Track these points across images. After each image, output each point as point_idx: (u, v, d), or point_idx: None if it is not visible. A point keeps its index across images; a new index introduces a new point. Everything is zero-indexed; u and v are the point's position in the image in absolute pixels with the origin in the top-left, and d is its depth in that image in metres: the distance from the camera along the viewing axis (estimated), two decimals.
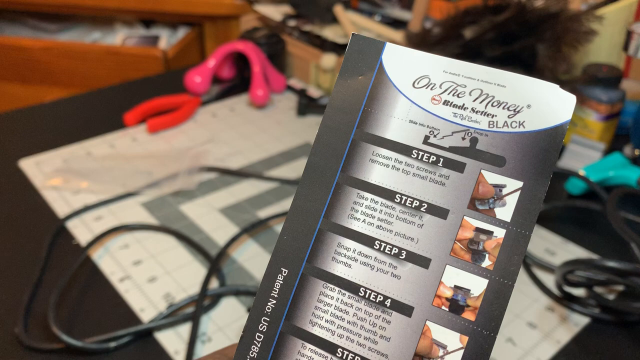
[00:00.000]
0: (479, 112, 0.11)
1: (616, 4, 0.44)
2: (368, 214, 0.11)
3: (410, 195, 0.11)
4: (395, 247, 0.11)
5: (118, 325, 0.27)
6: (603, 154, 0.40)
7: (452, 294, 0.11)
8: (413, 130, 0.11)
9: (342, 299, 0.11)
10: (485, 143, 0.11)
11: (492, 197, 0.11)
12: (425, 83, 0.11)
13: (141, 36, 0.84)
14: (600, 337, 0.28)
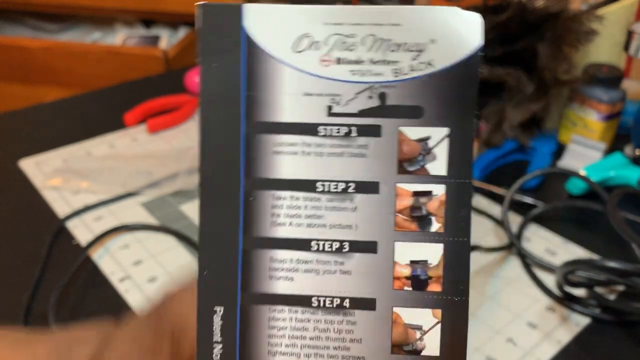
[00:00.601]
0: (379, 62, 0.09)
1: (617, 4, 0.44)
2: (292, 214, 0.10)
3: (332, 179, 0.09)
4: (335, 241, 0.10)
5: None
6: (604, 154, 0.40)
7: (410, 271, 0.10)
8: (311, 103, 0.09)
9: (296, 317, 0.10)
10: (396, 96, 0.09)
11: (420, 154, 0.09)
12: (307, 43, 0.09)
13: (141, 36, 0.84)
14: (601, 337, 0.28)
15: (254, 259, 0.10)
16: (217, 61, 0.10)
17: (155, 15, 0.81)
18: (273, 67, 0.10)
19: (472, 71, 0.10)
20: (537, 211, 0.35)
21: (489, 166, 0.41)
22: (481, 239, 0.34)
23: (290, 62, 0.09)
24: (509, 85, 0.41)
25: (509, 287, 0.30)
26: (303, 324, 0.10)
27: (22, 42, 0.74)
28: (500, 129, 0.41)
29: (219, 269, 0.10)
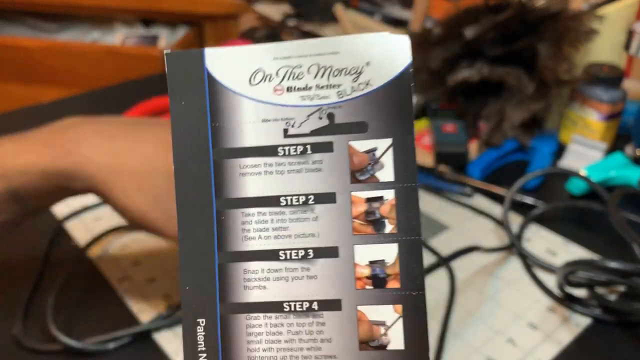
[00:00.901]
0: (324, 86, 0.11)
1: (617, 4, 0.44)
2: (261, 228, 0.11)
3: (293, 194, 0.11)
4: (300, 249, 0.11)
5: (117, 326, 0.26)
6: (604, 154, 0.40)
7: (370, 271, 0.11)
8: (269, 128, 0.11)
9: (271, 322, 0.11)
10: (342, 114, 0.11)
11: (369, 164, 0.11)
12: (261, 77, 0.11)
13: (140, 36, 0.83)
14: (601, 338, 0.28)
15: (229, 272, 0.11)
16: (185, 99, 0.11)
17: (154, 15, 0.81)
18: (233, 100, 0.11)
19: (406, 85, 0.11)
20: (538, 211, 0.35)
21: (490, 166, 0.40)
22: (482, 239, 0.34)
23: (247, 94, 0.11)
24: (509, 85, 0.41)
25: (510, 288, 0.30)
26: (277, 328, 0.11)
27: (21, 41, 0.73)
28: (501, 129, 0.41)
29: (199, 284, 0.11)
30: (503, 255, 0.33)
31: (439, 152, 0.40)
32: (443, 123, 0.42)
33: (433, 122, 0.42)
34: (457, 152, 0.40)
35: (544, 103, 0.40)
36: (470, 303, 0.29)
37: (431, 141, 0.42)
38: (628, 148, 0.42)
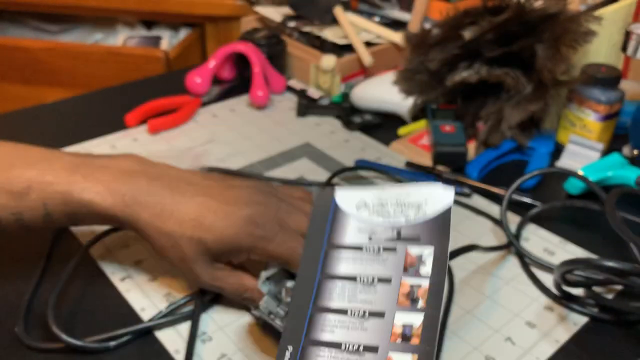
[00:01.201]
0: (398, 213, 0.18)
1: (614, 5, 0.44)
2: (340, 294, 0.17)
3: (365, 275, 0.17)
4: (360, 310, 0.16)
5: (119, 324, 0.27)
6: (602, 154, 0.40)
7: (402, 330, 0.16)
8: (361, 234, 0.18)
9: (331, 355, 0.16)
10: (405, 231, 0.18)
11: (416, 263, 0.17)
12: (363, 205, 0.18)
13: (143, 37, 0.84)
14: (599, 337, 0.28)
15: (315, 318, 0.17)
16: (319, 213, 0.19)
17: (157, 16, 0.82)
18: (344, 216, 0.19)
19: (447, 215, 0.17)
20: (536, 211, 0.36)
21: (488, 166, 0.41)
22: (480, 238, 0.34)
23: (353, 214, 0.19)
24: (507, 86, 0.41)
25: (508, 287, 0.31)
26: (334, 359, 0.16)
27: (24, 42, 0.74)
28: (499, 129, 0.42)
29: (295, 325, 0.17)
30: (501, 255, 0.33)
31: (437, 152, 0.40)
32: (442, 123, 0.42)
33: (432, 122, 0.42)
34: (455, 152, 0.40)
35: (542, 104, 0.40)
36: (468, 302, 0.29)
37: (430, 141, 0.43)
38: (625, 148, 0.42)
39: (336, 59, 0.48)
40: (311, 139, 0.44)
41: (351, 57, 0.50)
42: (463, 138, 0.41)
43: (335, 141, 0.44)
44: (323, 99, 0.49)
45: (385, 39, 0.53)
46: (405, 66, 0.47)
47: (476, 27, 0.40)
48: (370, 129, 0.46)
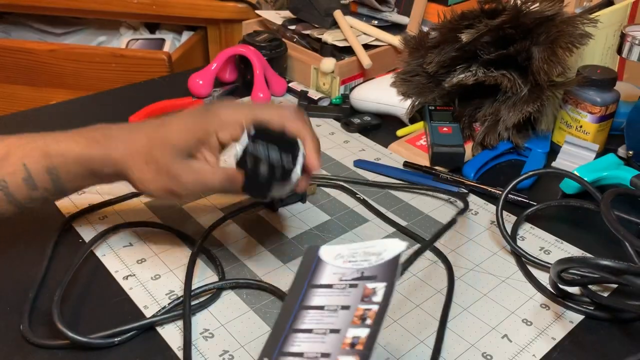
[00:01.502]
0: (364, 260, 0.23)
1: (610, 7, 0.44)
2: (311, 319, 0.22)
3: (332, 305, 0.22)
4: (323, 329, 0.21)
5: (123, 322, 0.27)
6: (597, 154, 0.41)
7: (351, 341, 0.20)
8: (334, 276, 0.23)
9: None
10: (367, 272, 0.23)
11: (371, 294, 0.22)
12: (339, 256, 0.24)
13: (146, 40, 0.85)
14: (594, 334, 0.28)
15: (289, 337, 0.22)
16: (306, 265, 0.24)
17: (160, 20, 0.83)
18: (324, 265, 0.24)
19: (397, 260, 0.22)
20: (532, 210, 0.36)
21: (484, 166, 0.41)
22: (476, 238, 0.35)
23: (330, 262, 0.24)
24: (504, 87, 0.41)
25: (504, 285, 0.31)
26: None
27: (28, 45, 0.75)
28: (496, 130, 0.42)
29: (272, 342, 0.22)
30: (498, 254, 0.33)
31: (435, 152, 0.41)
32: (439, 124, 0.43)
33: (429, 124, 0.43)
34: (453, 153, 0.40)
35: (538, 105, 0.41)
36: (466, 299, 0.30)
37: (428, 142, 0.43)
38: (620, 149, 0.43)
39: (336, 61, 0.49)
40: None
41: (350, 60, 0.50)
42: (460, 139, 0.41)
43: (335, 142, 0.45)
44: (323, 100, 0.50)
45: (384, 41, 0.53)
46: (403, 68, 0.47)
47: (473, 30, 0.41)
48: (370, 130, 0.46)
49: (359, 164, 0.42)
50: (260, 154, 0.26)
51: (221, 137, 0.27)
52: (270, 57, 0.50)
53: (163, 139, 0.27)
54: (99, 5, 0.78)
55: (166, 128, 0.27)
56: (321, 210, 0.37)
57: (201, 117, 0.27)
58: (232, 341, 0.27)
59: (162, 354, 0.26)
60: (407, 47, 0.47)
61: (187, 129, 0.27)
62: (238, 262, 0.32)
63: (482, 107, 0.44)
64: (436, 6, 0.55)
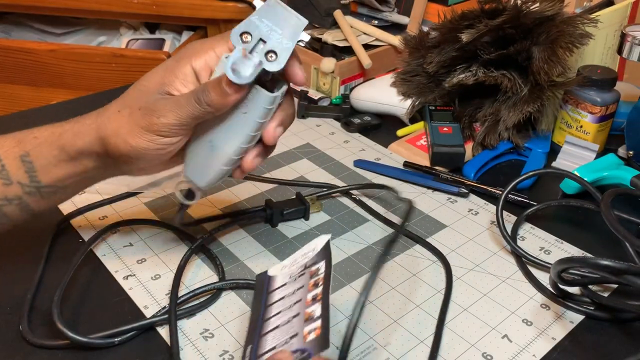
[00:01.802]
0: (304, 259, 0.26)
1: (610, 7, 0.44)
2: (277, 306, 0.25)
3: (289, 292, 0.25)
4: (288, 317, 0.24)
5: (123, 322, 0.27)
6: (597, 154, 0.41)
7: (310, 315, 0.23)
8: (285, 277, 0.26)
9: (275, 336, 0.23)
10: (309, 262, 0.26)
11: (316, 271, 0.24)
12: (284, 267, 0.27)
13: (146, 40, 0.85)
14: (594, 334, 0.28)
15: (264, 327, 0.24)
16: (258, 288, 0.27)
17: (160, 19, 0.83)
18: (274, 278, 0.27)
19: (328, 243, 0.25)
20: (532, 210, 0.36)
21: (485, 166, 0.41)
22: (476, 238, 0.35)
23: (279, 274, 0.27)
24: (504, 87, 0.41)
25: (505, 285, 0.31)
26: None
27: (28, 45, 0.75)
28: (496, 130, 0.42)
29: (254, 334, 0.24)
30: (498, 254, 0.33)
31: (435, 152, 0.41)
32: (439, 124, 0.43)
33: (430, 124, 0.43)
34: (453, 153, 0.40)
35: (538, 105, 0.41)
36: (465, 299, 0.30)
37: (428, 142, 0.43)
38: (621, 149, 0.43)
39: (336, 61, 0.49)
40: (311, 139, 0.45)
41: (351, 60, 0.50)
42: (460, 139, 0.41)
43: (335, 142, 0.45)
44: (323, 100, 0.50)
45: (384, 41, 0.53)
46: (403, 68, 0.47)
47: (473, 30, 0.41)
48: (370, 130, 0.46)
49: (359, 164, 0.42)
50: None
51: (195, 65, 0.25)
52: None
53: (137, 86, 0.25)
54: (99, 5, 0.78)
55: (142, 78, 0.26)
56: (321, 210, 0.37)
57: (175, 56, 0.26)
58: (232, 341, 0.27)
59: (162, 354, 0.26)
60: (407, 47, 0.47)
61: (161, 70, 0.25)
62: (238, 262, 0.32)
63: (482, 107, 0.44)
64: (436, 6, 0.55)
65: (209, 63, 0.25)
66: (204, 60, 0.25)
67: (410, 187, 0.39)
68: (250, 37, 0.24)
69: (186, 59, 0.25)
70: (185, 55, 0.25)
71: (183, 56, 0.25)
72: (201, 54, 0.25)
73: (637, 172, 0.36)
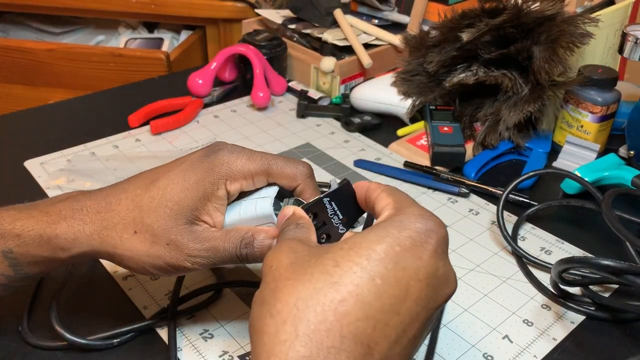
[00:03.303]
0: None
1: (611, 7, 0.44)
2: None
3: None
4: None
5: (122, 323, 0.27)
6: (598, 154, 0.41)
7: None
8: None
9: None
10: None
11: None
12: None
13: (144, 39, 0.85)
14: (595, 334, 0.28)
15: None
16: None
17: (158, 19, 0.83)
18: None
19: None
20: (533, 210, 0.36)
21: (485, 166, 0.41)
22: (477, 238, 0.35)
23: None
24: (504, 87, 0.41)
25: (505, 285, 0.31)
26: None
27: (26, 44, 0.74)
28: (496, 130, 0.42)
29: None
30: (499, 254, 0.33)
31: (435, 152, 0.40)
32: (440, 124, 0.42)
33: (430, 123, 0.43)
34: (453, 153, 0.40)
35: (539, 105, 0.41)
36: (466, 300, 0.30)
37: (428, 142, 0.43)
38: (622, 149, 0.43)
39: (336, 60, 0.49)
40: (311, 139, 0.45)
41: (351, 59, 0.50)
42: (461, 139, 0.41)
43: (335, 142, 0.45)
44: (323, 99, 0.49)
45: (384, 41, 0.53)
46: (403, 68, 0.47)
47: (474, 29, 0.40)
48: (370, 129, 0.46)
49: (359, 164, 0.42)
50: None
51: (230, 188, 0.22)
52: (270, 57, 0.50)
53: (157, 201, 0.21)
54: (97, 4, 0.78)
55: (159, 187, 0.21)
56: None
57: (206, 168, 0.22)
58: (232, 342, 0.27)
59: (161, 355, 0.26)
60: (407, 46, 0.47)
61: (189, 186, 0.21)
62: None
63: (482, 107, 0.44)
64: (437, 5, 0.54)
65: (244, 188, 0.23)
66: (239, 185, 0.23)
67: (411, 187, 0.39)
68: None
69: (221, 180, 0.22)
70: (219, 174, 0.22)
71: (217, 175, 0.22)
72: (238, 178, 0.22)
73: (638, 172, 0.36)
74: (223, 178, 0.22)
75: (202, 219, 0.22)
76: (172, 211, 0.21)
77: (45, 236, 0.22)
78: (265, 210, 0.23)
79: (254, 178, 0.23)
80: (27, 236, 0.22)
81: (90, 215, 0.22)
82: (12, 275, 0.23)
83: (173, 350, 0.26)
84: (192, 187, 0.22)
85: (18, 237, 0.22)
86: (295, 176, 0.23)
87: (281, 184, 0.24)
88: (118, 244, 0.22)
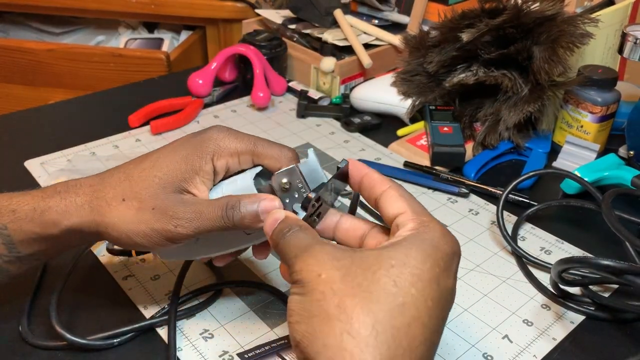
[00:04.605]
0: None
1: (611, 7, 0.44)
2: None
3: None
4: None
5: (122, 322, 0.27)
6: (598, 154, 0.41)
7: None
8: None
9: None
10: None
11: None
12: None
13: (144, 39, 0.85)
14: (595, 334, 0.28)
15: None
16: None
17: (158, 19, 0.83)
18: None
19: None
20: (532, 210, 0.36)
21: (485, 166, 0.41)
22: (477, 238, 0.35)
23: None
24: (504, 87, 0.41)
25: (505, 285, 0.31)
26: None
27: (26, 44, 0.75)
28: (496, 130, 0.42)
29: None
30: (499, 254, 0.33)
31: (435, 152, 0.41)
32: (440, 124, 0.42)
33: (430, 123, 0.43)
34: (453, 153, 0.40)
35: (539, 105, 0.41)
36: (466, 300, 0.30)
37: (428, 142, 0.43)
38: (621, 149, 0.43)
39: (336, 60, 0.49)
40: (311, 139, 0.45)
41: (351, 59, 0.50)
42: (461, 139, 0.41)
43: (335, 142, 0.45)
44: (323, 99, 0.50)
45: (384, 41, 0.53)
46: (403, 68, 0.47)
47: (474, 29, 0.41)
48: (370, 129, 0.46)
49: None
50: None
51: (217, 164, 0.23)
52: (270, 57, 0.50)
53: (147, 172, 0.22)
54: (97, 4, 0.78)
55: (150, 160, 0.23)
56: None
57: (195, 143, 0.23)
58: (232, 341, 0.27)
59: (161, 355, 0.26)
60: (407, 46, 0.47)
61: (178, 159, 0.22)
62: (238, 262, 0.32)
63: (482, 107, 0.44)
64: (437, 5, 0.54)
65: (230, 167, 0.24)
66: (225, 162, 0.23)
67: (411, 187, 0.39)
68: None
69: (208, 155, 0.23)
70: (207, 150, 0.23)
71: (205, 150, 0.23)
72: (225, 155, 0.23)
73: (637, 172, 0.36)
74: (210, 154, 0.23)
75: (189, 190, 0.23)
76: (161, 180, 0.22)
77: (39, 209, 0.22)
78: (245, 182, 0.23)
79: (239, 156, 0.24)
80: (21, 211, 0.22)
81: (84, 189, 0.23)
82: (5, 254, 0.23)
83: (173, 350, 0.26)
84: (181, 160, 0.23)
85: (13, 212, 0.22)
86: (280, 157, 0.24)
87: (266, 164, 0.24)
88: (106, 211, 0.22)
